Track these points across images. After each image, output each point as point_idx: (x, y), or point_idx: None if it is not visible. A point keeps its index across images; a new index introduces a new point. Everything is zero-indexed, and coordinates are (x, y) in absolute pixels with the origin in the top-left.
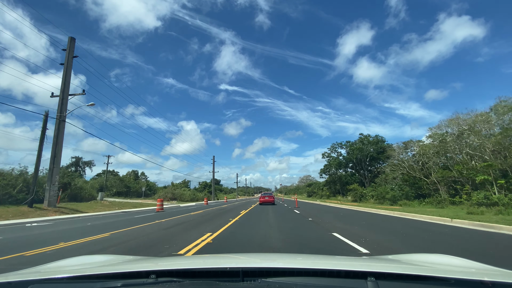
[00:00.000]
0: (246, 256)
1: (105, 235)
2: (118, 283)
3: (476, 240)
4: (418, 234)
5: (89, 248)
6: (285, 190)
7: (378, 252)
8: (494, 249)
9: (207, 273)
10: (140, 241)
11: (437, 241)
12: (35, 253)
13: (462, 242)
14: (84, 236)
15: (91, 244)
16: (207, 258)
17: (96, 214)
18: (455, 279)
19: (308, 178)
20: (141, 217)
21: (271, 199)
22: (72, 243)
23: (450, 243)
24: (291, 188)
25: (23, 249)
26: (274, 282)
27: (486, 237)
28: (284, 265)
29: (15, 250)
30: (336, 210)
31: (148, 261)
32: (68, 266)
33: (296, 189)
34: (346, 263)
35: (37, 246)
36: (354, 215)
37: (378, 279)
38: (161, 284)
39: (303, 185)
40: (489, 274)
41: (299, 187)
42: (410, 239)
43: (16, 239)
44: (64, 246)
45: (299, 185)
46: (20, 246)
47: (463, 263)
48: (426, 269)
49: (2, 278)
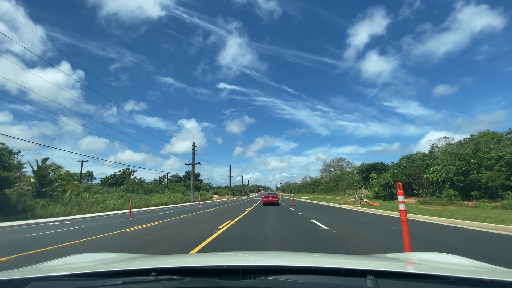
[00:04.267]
0: (246, 254)
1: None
2: (119, 281)
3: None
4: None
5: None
6: (289, 188)
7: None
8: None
9: (207, 271)
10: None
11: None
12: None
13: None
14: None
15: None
16: (207, 256)
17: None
18: (454, 277)
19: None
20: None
21: (274, 199)
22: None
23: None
24: (295, 186)
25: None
26: (274, 280)
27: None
28: (284, 263)
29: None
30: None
31: (149, 259)
32: (69, 264)
33: (312, 184)
34: (346, 261)
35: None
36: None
37: (378, 277)
38: (162, 282)
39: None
40: (488, 273)
41: (316, 182)
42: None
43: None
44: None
45: (318, 179)
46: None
47: (462, 262)
48: (425, 267)
49: (3, 275)
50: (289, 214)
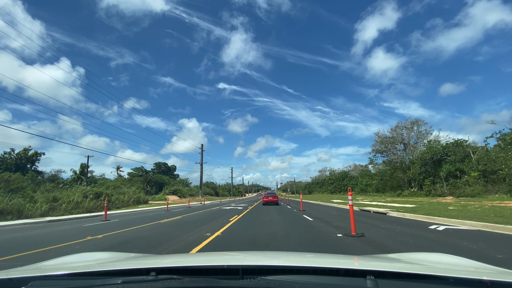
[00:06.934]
0: (246, 254)
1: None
2: (118, 280)
3: None
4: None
5: None
6: (295, 187)
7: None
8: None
9: (207, 270)
10: None
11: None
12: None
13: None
14: None
15: None
16: (207, 256)
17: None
18: (454, 278)
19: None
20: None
21: (274, 199)
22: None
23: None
24: (300, 186)
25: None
26: (274, 280)
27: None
28: (284, 263)
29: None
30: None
31: (149, 258)
32: (69, 263)
33: (338, 179)
34: (346, 261)
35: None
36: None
37: (377, 277)
38: (161, 282)
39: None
40: (488, 273)
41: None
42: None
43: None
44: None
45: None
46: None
47: (462, 262)
48: (425, 268)
49: (3, 274)
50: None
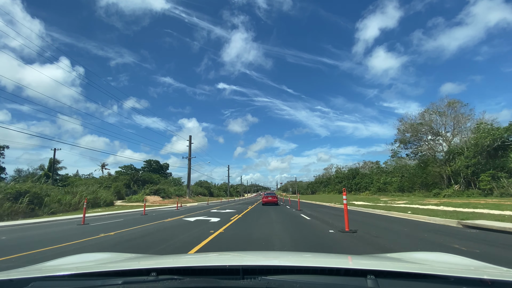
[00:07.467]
0: (246, 254)
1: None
2: (119, 281)
3: None
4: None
5: None
6: (296, 187)
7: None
8: None
9: (208, 271)
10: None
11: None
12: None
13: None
14: None
15: None
16: (207, 256)
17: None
18: (454, 277)
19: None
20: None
21: (274, 199)
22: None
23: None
24: (301, 185)
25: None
26: (275, 280)
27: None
28: (284, 263)
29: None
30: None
31: (149, 259)
32: (69, 264)
33: (346, 177)
34: (346, 261)
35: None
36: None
37: (378, 277)
38: (162, 282)
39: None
40: (489, 273)
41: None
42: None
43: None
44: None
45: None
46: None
47: (463, 262)
48: (425, 267)
49: (3, 275)
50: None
